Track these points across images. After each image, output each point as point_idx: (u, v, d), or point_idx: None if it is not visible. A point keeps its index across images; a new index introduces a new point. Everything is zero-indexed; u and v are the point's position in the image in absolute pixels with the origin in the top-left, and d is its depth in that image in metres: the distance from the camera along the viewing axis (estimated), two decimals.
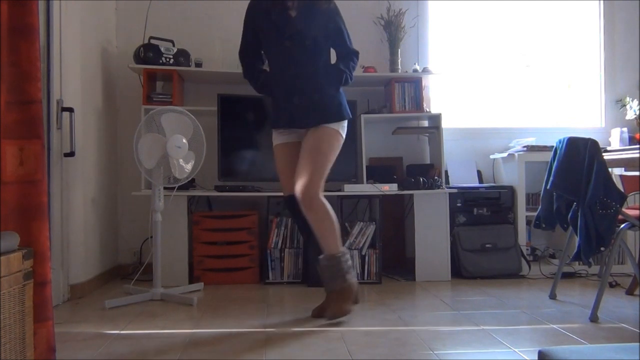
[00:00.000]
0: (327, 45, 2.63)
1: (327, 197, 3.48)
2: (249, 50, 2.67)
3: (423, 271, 3.42)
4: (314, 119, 2.52)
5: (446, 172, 3.73)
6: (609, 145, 3.70)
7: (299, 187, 2.43)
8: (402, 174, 3.76)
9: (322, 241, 2.48)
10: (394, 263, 3.75)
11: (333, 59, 2.69)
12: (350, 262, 2.53)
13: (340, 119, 2.57)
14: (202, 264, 3.29)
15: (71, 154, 2.83)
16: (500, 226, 3.58)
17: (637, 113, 3.81)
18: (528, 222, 3.57)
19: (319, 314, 2.52)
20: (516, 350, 2.05)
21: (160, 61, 3.35)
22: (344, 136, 2.61)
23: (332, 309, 2.43)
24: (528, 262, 3.56)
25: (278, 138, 2.66)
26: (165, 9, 3.73)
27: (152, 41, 3.40)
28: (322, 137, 2.52)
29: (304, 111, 2.52)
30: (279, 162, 2.66)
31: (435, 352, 2.03)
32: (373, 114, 3.65)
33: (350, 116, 2.63)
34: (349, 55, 2.65)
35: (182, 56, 3.43)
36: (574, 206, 2.60)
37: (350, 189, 3.37)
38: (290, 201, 2.58)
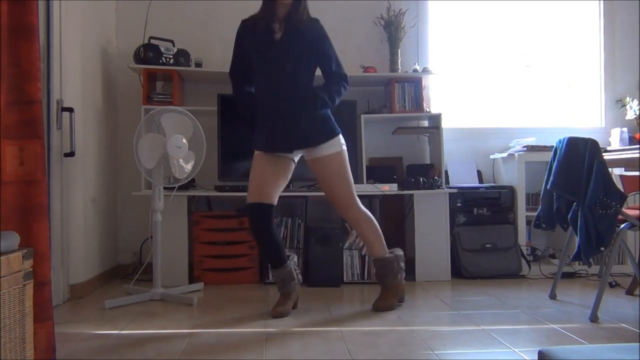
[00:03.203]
0: (311, 68, 2.61)
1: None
2: (238, 70, 2.66)
3: (423, 271, 3.42)
4: (293, 145, 2.57)
5: (446, 172, 3.73)
6: (609, 145, 3.70)
7: (341, 210, 2.69)
8: (402, 174, 3.76)
9: (369, 246, 2.77)
10: None
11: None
12: (401, 265, 2.76)
13: (324, 140, 2.57)
14: (202, 264, 3.29)
15: (71, 154, 2.83)
16: (500, 226, 3.58)
17: (637, 113, 3.80)
18: (528, 222, 3.57)
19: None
20: (516, 350, 2.05)
21: (160, 61, 3.35)
22: (344, 148, 2.64)
23: (379, 303, 2.68)
24: (528, 262, 3.56)
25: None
26: (165, 9, 3.73)
27: (152, 41, 3.40)
28: (332, 170, 2.60)
29: (282, 137, 2.55)
30: (257, 167, 2.59)
31: (435, 352, 2.03)
32: (373, 114, 3.65)
33: (338, 132, 2.62)
34: (333, 79, 2.63)
35: (182, 56, 3.43)
36: (574, 206, 2.60)
37: None
38: (258, 209, 2.55)
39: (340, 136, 2.63)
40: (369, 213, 2.71)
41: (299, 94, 2.55)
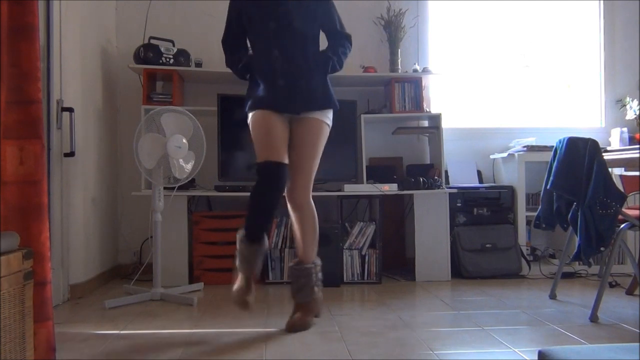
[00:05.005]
0: (316, 30, 2.48)
1: (327, 197, 3.49)
2: (234, 36, 2.53)
3: (423, 271, 3.42)
4: (298, 106, 2.37)
5: (446, 172, 3.73)
6: (609, 145, 3.70)
7: (294, 188, 2.39)
8: (402, 174, 3.76)
9: (304, 246, 2.44)
10: (394, 263, 3.74)
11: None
12: (320, 275, 2.46)
13: (325, 107, 2.43)
14: (202, 264, 3.29)
15: (71, 154, 2.83)
16: (500, 226, 3.58)
17: (637, 113, 3.80)
18: (528, 222, 3.57)
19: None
20: (516, 350, 2.05)
21: (160, 61, 3.35)
22: (330, 126, 2.48)
23: (293, 321, 2.35)
24: (528, 262, 3.56)
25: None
26: (165, 9, 3.73)
27: (152, 41, 3.40)
28: (313, 136, 2.41)
29: (287, 96, 2.35)
30: (267, 123, 2.34)
31: (435, 352, 2.03)
32: (373, 114, 3.65)
33: (337, 107, 2.47)
34: (338, 39, 2.50)
35: (182, 56, 3.43)
36: (574, 206, 2.60)
37: (350, 189, 3.37)
38: (276, 169, 2.29)
39: (332, 112, 2.48)
40: (315, 211, 2.48)
41: (309, 53, 2.43)
